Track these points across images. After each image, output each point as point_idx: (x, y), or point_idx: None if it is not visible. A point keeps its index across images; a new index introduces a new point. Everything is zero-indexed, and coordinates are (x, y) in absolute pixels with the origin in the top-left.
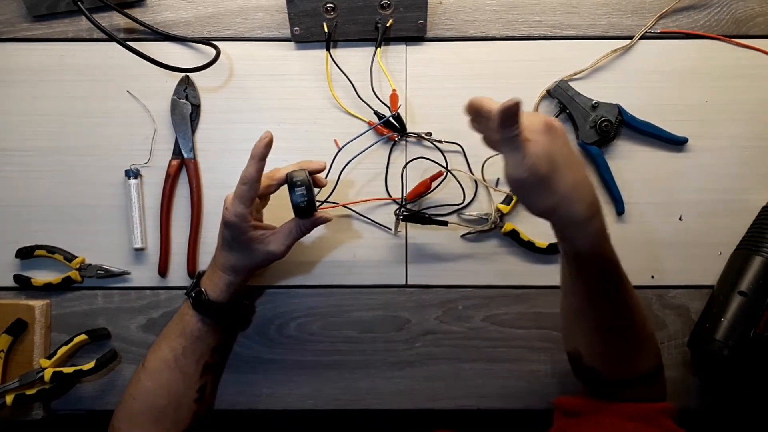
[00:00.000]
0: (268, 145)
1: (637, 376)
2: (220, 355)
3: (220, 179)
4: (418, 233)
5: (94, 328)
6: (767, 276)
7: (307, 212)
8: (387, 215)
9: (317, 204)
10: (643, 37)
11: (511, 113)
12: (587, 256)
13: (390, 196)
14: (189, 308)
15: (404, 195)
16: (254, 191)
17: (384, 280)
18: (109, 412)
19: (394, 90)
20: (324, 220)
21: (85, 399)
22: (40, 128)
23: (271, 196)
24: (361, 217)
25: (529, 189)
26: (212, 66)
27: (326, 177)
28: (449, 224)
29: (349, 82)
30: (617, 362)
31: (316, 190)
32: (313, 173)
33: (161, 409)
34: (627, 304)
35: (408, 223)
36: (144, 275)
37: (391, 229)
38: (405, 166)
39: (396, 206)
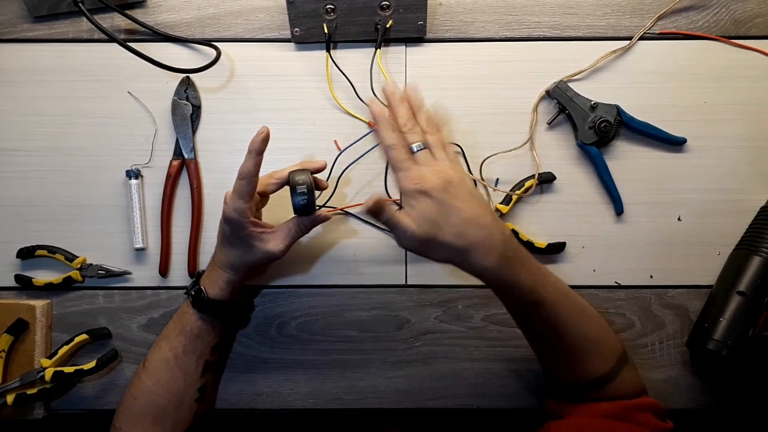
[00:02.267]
0: (265, 139)
1: (583, 383)
2: (220, 353)
3: (221, 179)
4: None
5: (95, 328)
6: (766, 276)
7: (307, 212)
8: None
9: (318, 207)
10: (642, 38)
11: (373, 211)
12: (495, 289)
13: (390, 197)
14: (188, 307)
15: None
16: (252, 186)
17: (384, 280)
18: (110, 412)
19: None
20: (323, 219)
21: (86, 399)
22: (41, 128)
23: (271, 196)
24: (362, 218)
25: (422, 250)
26: (213, 67)
27: (327, 179)
28: None
29: (349, 83)
30: (558, 371)
31: (317, 192)
32: (314, 173)
33: (162, 409)
34: (550, 322)
35: None
36: (145, 275)
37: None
38: None
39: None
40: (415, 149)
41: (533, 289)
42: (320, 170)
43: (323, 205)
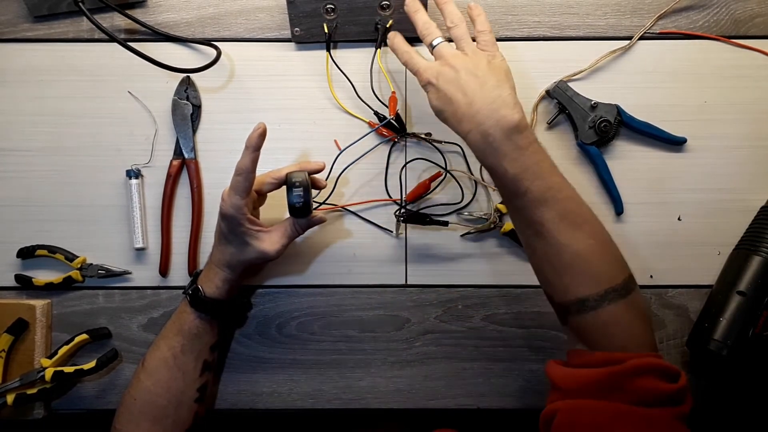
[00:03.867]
0: (262, 135)
1: (562, 301)
2: (218, 353)
3: (221, 179)
4: (417, 233)
5: (95, 328)
6: (766, 276)
7: (302, 213)
8: (387, 215)
9: (317, 205)
10: (642, 38)
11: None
12: (496, 173)
13: (390, 197)
14: (186, 306)
15: (404, 196)
16: (249, 182)
17: (384, 280)
18: (110, 412)
19: (393, 92)
20: (319, 221)
21: (86, 398)
22: (42, 128)
23: (268, 195)
24: (361, 217)
25: (441, 118)
26: (213, 67)
27: (326, 178)
28: (449, 224)
29: (349, 83)
30: (541, 279)
31: (315, 191)
32: (312, 174)
33: (161, 409)
34: (533, 220)
35: (408, 224)
36: (145, 275)
37: (392, 232)
38: (404, 167)
39: (396, 207)
40: (434, 44)
41: (517, 178)
42: (318, 171)
43: (322, 203)
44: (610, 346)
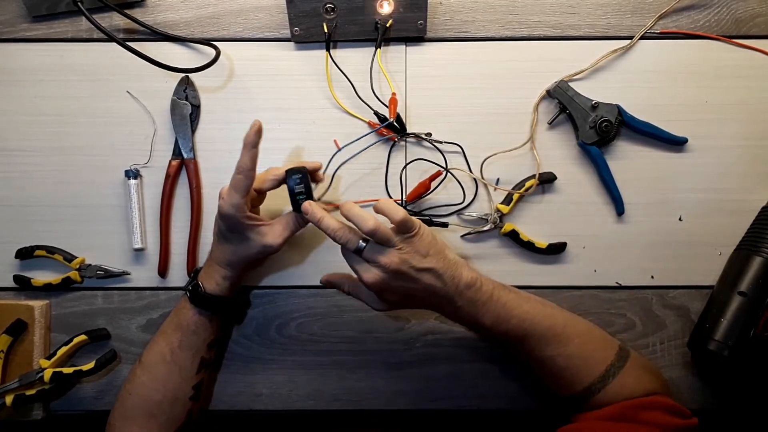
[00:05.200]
0: (258, 131)
1: (570, 396)
2: (215, 351)
3: (220, 179)
4: None
5: (94, 329)
6: (767, 276)
7: None
8: None
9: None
10: (642, 38)
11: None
12: (478, 330)
13: (390, 197)
14: (186, 302)
15: (404, 197)
16: (250, 180)
17: None
18: (109, 413)
19: (393, 94)
20: None
21: (85, 399)
22: (40, 128)
23: (268, 193)
24: None
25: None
26: (212, 66)
27: (324, 171)
28: (449, 225)
29: (349, 83)
30: (547, 387)
31: (315, 188)
32: (310, 172)
33: (156, 404)
34: (521, 352)
35: None
36: (144, 275)
37: None
38: (404, 168)
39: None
40: (360, 247)
41: (494, 325)
42: (316, 170)
43: (319, 199)
44: None
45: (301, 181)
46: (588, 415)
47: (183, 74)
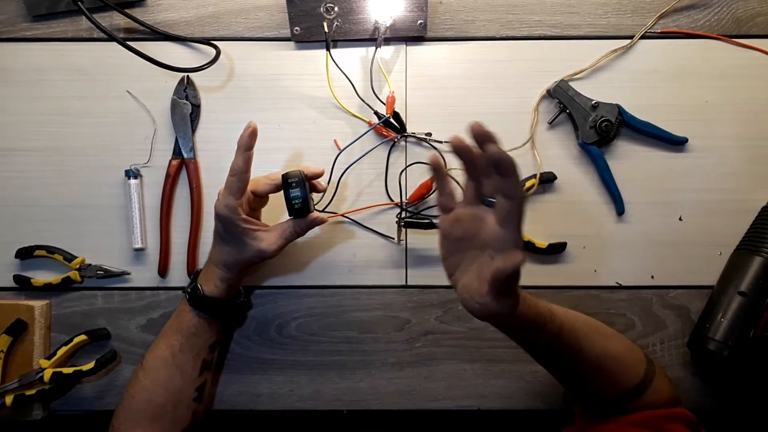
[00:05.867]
0: (253, 134)
1: (616, 396)
2: (217, 352)
3: (220, 179)
4: (418, 234)
5: (94, 329)
6: (767, 276)
7: (301, 212)
8: (388, 217)
9: (315, 207)
10: (643, 37)
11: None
12: (519, 330)
13: (391, 200)
14: (186, 305)
15: (404, 199)
16: (243, 182)
17: (384, 281)
18: (109, 413)
19: (392, 92)
20: (320, 222)
21: (85, 399)
22: (40, 128)
23: (271, 196)
24: (361, 224)
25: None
26: (212, 66)
27: (328, 182)
28: None
29: (349, 82)
30: (587, 391)
31: (316, 195)
32: (312, 179)
33: (160, 407)
34: (573, 348)
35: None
36: (144, 275)
37: (393, 239)
38: (404, 170)
39: (397, 210)
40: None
41: (552, 313)
42: (318, 176)
43: (323, 210)
44: None
45: (297, 186)
46: (622, 419)
47: (183, 74)
